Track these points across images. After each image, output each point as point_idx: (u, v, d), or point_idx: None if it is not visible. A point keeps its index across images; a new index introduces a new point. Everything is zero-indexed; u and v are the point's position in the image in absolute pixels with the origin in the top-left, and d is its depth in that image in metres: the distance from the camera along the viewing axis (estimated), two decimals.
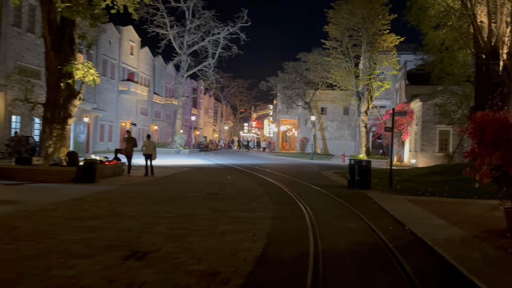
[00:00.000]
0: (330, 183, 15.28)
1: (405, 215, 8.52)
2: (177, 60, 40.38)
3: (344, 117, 54.13)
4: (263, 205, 9.49)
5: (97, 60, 34.37)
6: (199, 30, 40.09)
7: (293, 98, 49.84)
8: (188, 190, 11.62)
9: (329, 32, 32.19)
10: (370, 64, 31.31)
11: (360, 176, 13.20)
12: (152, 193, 10.84)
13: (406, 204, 10.35)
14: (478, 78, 15.36)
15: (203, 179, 15.27)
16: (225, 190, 12.03)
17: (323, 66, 45.36)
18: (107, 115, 36.22)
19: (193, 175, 16.91)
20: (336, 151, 51.84)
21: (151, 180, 14.15)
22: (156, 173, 16.75)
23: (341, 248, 5.95)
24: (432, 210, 9.28)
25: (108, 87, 36.58)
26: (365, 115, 32.06)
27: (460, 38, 16.25)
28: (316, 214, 8.48)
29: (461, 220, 8.16)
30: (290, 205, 9.70)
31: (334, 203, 10.36)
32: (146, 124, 45.05)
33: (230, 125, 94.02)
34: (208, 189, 11.96)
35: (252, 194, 11.25)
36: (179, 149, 38.98)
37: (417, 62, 43.73)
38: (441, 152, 27.71)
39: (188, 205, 9.05)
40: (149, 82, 45.52)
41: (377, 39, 30.76)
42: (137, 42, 41.95)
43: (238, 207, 9.09)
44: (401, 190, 12.71)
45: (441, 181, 14.23)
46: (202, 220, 7.42)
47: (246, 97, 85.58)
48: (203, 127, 69.87)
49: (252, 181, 15.19)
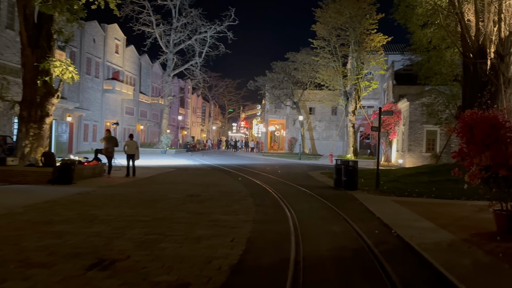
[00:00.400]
0: (316, 184, 14.98)
1: (391, 217, 8.22)
2: (163, 58, 39.79)
3: (332, 117, 54.08)
4: (245, 207, 9.11)
5: (81, 59, 33.66)
6: (186, 29, 39.59)
7: (281, 98, 49.58)
8: (169, 192, 11.19)
9: (316, 32, 31.98)
10: (358, 64, 31.18)
11: (346, 177, 12.91)
12: (131, 195, 10.38)
13: (392, 205, 10.07)
14: (465, 77, 15.21)
15: (187, 180, 14.84)
16: (208, 191, 11.62)
17: (311, 66, 45.22)
18: (91, 114, 35.50)
19: (177, 176, 16.46)
20: (324, 151, 51.74)
21: (132, 182, 13.67)
22: (138, 174, 16.26)
23: (323, 254, 5.60)
24: (419, 212, 9.01)
25: (92, 86, 35.85)
26: (352, 115, 31.90)
27: (448, 37, 16.09)
28: (299, 216, 8.13)
29: (449, 222, 7.89)
30: (273, 207, 9.34)
31: (319, 204, 10.03)
32: (132, 124, 44.34)
33: (219, 125, 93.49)
34: (190, 191, 11.55)
35: (235, 196, 10.87)
36: (165, 149, 38.40)
37: (405, 62, 43.85)
38: (429, 152, 27.65)
39: (166, 208, 8.63)
40: (134, 81, 44.81)
41: (365, 38, 30.65)
42: (122, 40, 41.23)
43: (219, 209, 8.70)
44: (388, 191, 12.45)
45: (429, 181, 14.03)
46: (179, 224, 7.01)
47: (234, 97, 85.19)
48: (190, 127, 69.22)
49: (237, 182, 14.81)
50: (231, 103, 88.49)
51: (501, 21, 13.80)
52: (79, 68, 33.50)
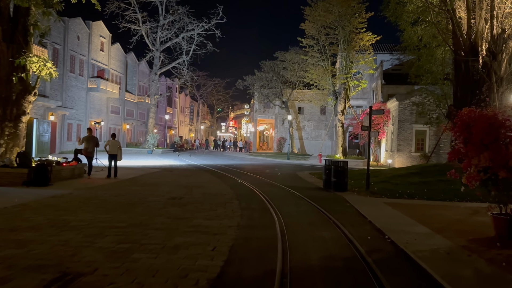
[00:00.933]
0: (305, 185, 14.53)
1: (384, 221, 7.79)
2: (150, 56, 39.03)
3: (321, 117, 53.86)
4: (230, 211, 8.60)
5: (64, 56, 32.78)
6: (173, 27, 38.88)
7: (270, 98, 49.17)
8: (150, 194, 10.62)
9: (305, 30, 31.55)
10: (347, 63, 30.84)
11: (336, 178, 12.49)
12: (109, 198, 9.79)
13: (384, 208, 9.66)
14: (457, 76, 14.91)
15: (170, 181, 14.27)
16: (191, 193, 11.08)
17: (300, 65, 44.90)
18: (75, 113, 34.60)
19: (161, 177, 15.86)
20: (313, 151, 51.45)
21: (113, 183, 13.05)
22: (120, 175, 15.64)
23: (313, 264, 5.12)
24: (413, 215, 8.61)
25: (76, 84, 34.96)
26: (341, 114, 31.57)
27: (439, 35, 15.78)
28: (287, 221, 7.65)
29: (445, 226, 7.49)
30: (260, 210, 8.85)
31: (308, 207, 9.57)
32: (118, 123, 43.46)
33: (207, 125, 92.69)
34: (173, 193, 10.99)
35: (220, 198, 10.35)
36: (152, 149, 37.65)
37: (393, 62, 43.82)
38: (418, 152, 27.45)
39: (145, 212, 8.08)
40: (120, 79, 43.93)
41: (354, 37, 30.33)
42: (107, 38, 40.34)
43: (202, 213, 8.17)
44: (379, 192, 12.05)
45: (420, 182, 13.68)
46: (157, 231, 6.47)
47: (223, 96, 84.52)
48: (178, 126, 68.37)
49: (223, 183, 14.28)
50: (219, 102, 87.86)
51: (493, 18, 13.51)
52: (63, 66, 32.65)
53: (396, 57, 44.11)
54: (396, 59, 44.07)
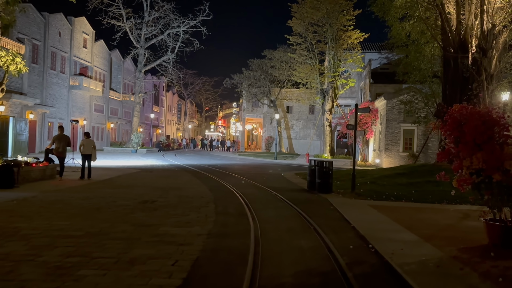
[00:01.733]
0: (289, 186, 13.92)
1: (368, 227, 7.21)
2: (134, 53, 38.08)
3: (310, 116, 53.43)
4: (203, 216, 7.94)
5: (45, 53, 31.71)
6: (158, 23, 37.99)
7: (258, 96, 48.55)
8: (121, 197, 9.90)
9: (293, 27, 31.00)
10: (335, 61, 30.36)
11: (320, 179, 11.90)
12: (74, 202, 9.05)
13: (370, 211, 9.09)
14: (446, 73, 14.43)
15: (147, 183, 13.54)
16: (166, 196, 10.39)
17: (289, 64, 44.34)
18: (56, 111, 33.55)
19: (138, 178, 15.12)
20: (302, 151, 50.96)
21: (84, 185, 12.28)
22: (96, 175, 14.86)
23: (286, 282, 4.48)
24: (399, 219, 8.05)
25: (57, 82, 33.89)
26: (329, 113, 31.08)
27: (427, 31, 15.27)
28: (264, 227, 7.02)
29: (434, 233, 6.93)
30: (236, 215, 8.20)
31: (289, 211, 8.94)
32: (101, 122, 42.43)
33: (195, 124, 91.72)
34: (146, 196, 10.28)
35: (196, 202, 9.68)
36: (136, 149, 36.74)
37: (382, 61, 43.54)
38: (406, 152, 27.08)
39: (109, 219, 7.37)
40: (104, 77, 42.88)
41: (342, 35, 29.85)
42: (91, 35, 39.29)
43: (172, 219, 7.50)
44: (365, 194, 11.50)
45: (407, 183, 13.17)
46: (115, 242, 5.78)
47: (212, 95, 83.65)
48: (165, 125, 67.39)
49: (203, 184, 13.60)
50: (208, 101, 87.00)
51: (484, 13, 13.04)
52: (43, 63, 31.59)
53: (384, 56, 43.86)
54: (384, 57, 43.82)
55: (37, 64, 30.89)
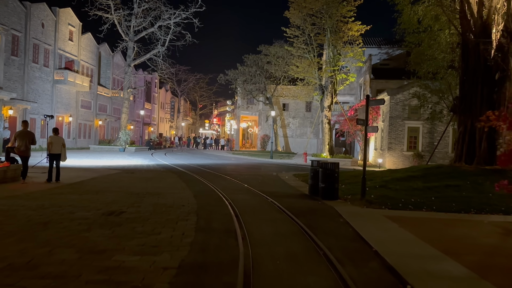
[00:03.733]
0: (287, 191, 12.16)
1: (395, 251, 5.47)
2: (123, 47, 36.12)
3: (307, 114, 51.83)
4: (179, 234, 6.16)
5: (26, 45, 29.71)
6: (148, 15, 36.04)
7: (253, 93, 46.81)
8: (83, 207, 8.09)
9: (290, 19, 29.13)
10: (334, 55, 28.57)
11: (325, 183, 10.15)
12: (20, 214, 7.23)
13: (388, 225, 7.35)
14: (464, 62, 12.71)
15: (123, 186, 11.72)
16: (139, 205, 8.59)
17: (285, 59, 42.63)
18: (39, 107, 31.56)
19: (115, 180, 13.28)
20: (298, 149, 49.30)
21: (46, 190, 10.44)
22: (68, 178, 13.05)
23: None
24: (429, 238, 6.32)
25: (40, 76, 31.90)
26: (328, 110, 29.32)
27: (443, 15, 13.56)
28: (258, 253, 5.26)
29: (482, 260, 5.21)
30: (222, 232, 6.42)
31: (289, 227, 7.17)
32: (89, 119, 40.45)
33: (189, 122, 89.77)
34: (114, 205, 8.48)
35: (174, 213, 7.89)
36: (124, 147, 34.82)
37: (382, 57, 41.94)
38: (410, 151, 25.42)
39: (52, 240, 5.57)
40: (92, 72, 40.87)
41: (342, 27, 28.05)
42: (77, 27, 37.28)
43: (135, 240, 5.71)
44: (377, 202, 9.76)
45: (424, 188, 11.44)
46: (41, 283, 3.98)
47: (206, 92, 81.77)
48: (158, 123, 65.41)
49: (188, 188, 11.80)
50: (202, 99, 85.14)
51: None
52: (24, 55, 29.61)
53: (385, 51, 42.24)
54: (385, 53, 42.20)
55: (17, 56, 28.91)
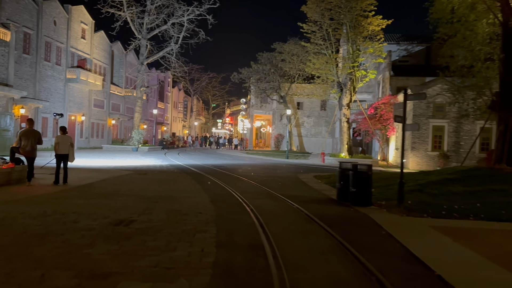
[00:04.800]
0: (312, 195, 11.15)
1: (463, 276, 4.45)
2: (136, 45, 35.43)
3: (322, 113, 50.70)
4: (198, 251, 5.22)
5: (38, 42, 29.21)
6: (162, 12, 35.31)
7: (267, 92, 45.84)
8: (89, 214, 7.22)
9: (307, 13, 28.06)
10: (354, 51, 27.41)
11: (356, 187, 9.11)
12: (16, 223, 6.38)
13: (441, 240, 6.29)
14: (507, 53, 11.56)
15: (135, 190, 10.85)
16: (151, 212, 7.69)
17: (300, 57, 41.56)
18: (51, 106, 31.05)
19: (126, 182, 12.43)
20: (313, 149, 48.18)
21: (52, 194, 9.62)
22: (77, 179, 12.27)
23: None
24: (493, 256, 5.28)
25: (52, 74, 31.40)
26: (347, 108, 28.18)
27: (480, 3, 12.39)
28: (295, 279, 4.28)
29: None
30: (248, 248, 5.46)
31: (325, 241, 6.17)
32: (102, 118, 39.94)
33: (202, 121, 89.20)
34: (124, 212, 7.59)
35: (190, 222, 6.96)
36: (137, 147, 34.18)
37: (401, 53, 40.62)
38: (435, 151, 24.16)
39: (48, 258, 4.67)
40: (105, 70, 40.35)
41: (361, 21, 26.88)
42: (90, 25, 36.75)
43: (147, 259, 4.78)
44: (417, 209, 8.70)
45: (465, 193, 10.33)
46: None
47: (219, 91, 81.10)
48: (171, 122, 64.87)
49: (204, 192, 10.88)
50: (215, 98, 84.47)
51: None
52: (36, 53, 29.11)
53: (404, 48, 40.87)
54: (404, 49, 40.84)
55: (29, 54, 28.41)
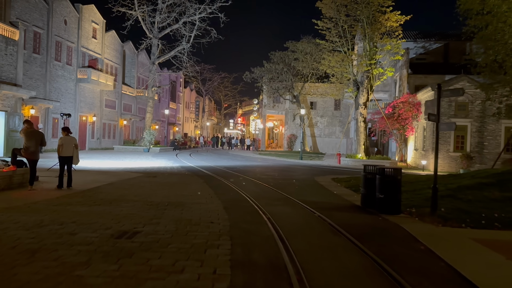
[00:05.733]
0: (333, 201, 10.29)
1: None
2: (147, 44, 34.90)
3: (336, 113, 49.71)
4: (209, 272, 4.43)
5: (48, 42, 28.84)
6: (173, 11, 34.74)
7: (280, 91, 45.01)
8: (88, 224, 6.50)
9: (322, 10, 27.13)
10: (371, 48, 26.42)
11: (384, 193, 8.24)
12: (7, 235, 5.66)
13: (491, 258, 5.40)
14: None
15: (142, 194, 10.13)
16: (159, 221, 6.94)
17: (313, 56, 40.66)
18: (62, 106, 30.66)
19: (134, 186, 11.73)
20: (327, 149, 47.20)
21: (53, 199, 8.95)
22: (82, 183, 11.63)
23: None
24: None
25: (63, 74, 31.04)
26: (364, 107, 27.19)
27: None
28: None
29: None
30: (268, 269, 4.66)
31: (357, 259, 5.32)
32: (113, 119, 39.56)
33: (214, 121, 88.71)
34: (128, 221, 6.86)
35: (201, 234, 6.18)
36: (148, 147, 33.66)
37: (418, 51, 39.47)
38: (457, 152, 23.05)
39: (32, 283, 3.94)
40: (116, 70, 39.96)
41: (379, 17, 25.87)
42: (101, 24, 36.36)
43: (148, 284, 4.02)
44: (452, 217, 7.79)
45: (504, 199, 9.36)
46: None
47: (231, 91, 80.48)
48: (183, 122, 64.43)
49: (216, 197, 10.10)
50: (227, 98, 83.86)
51: None
52: (46, 53, 28.75)
53: (421, 45, 39.70)
54: (421, 47, 39.67)
55: (39, 54, 28.06)
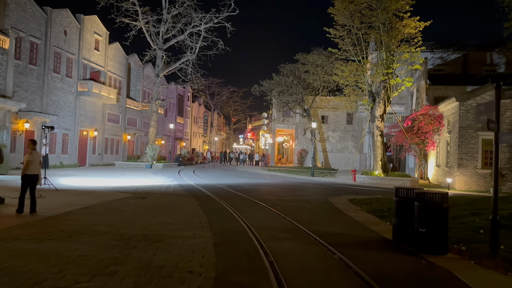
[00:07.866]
0: (355, 232, 8.21)
1: None
2: (151, 56, 33.47)
3: (348, 127, 47.57)
4: None
5: (46, 53, 27.53)
6: (179, 22, 33.38)
7: (290, 105, 43.20)
8: (17, 275, 4.58)
9: (334, 17, 25.34)
10: (387, 56, 24.49)
11: (425, 225, 6.18)
12: None
13: None
14: None
15: (116, 223, 8.18)
16: (116, 270, 4.98)
17: (324, 68, 38.97)
18: (60, 121, 29.20)
19: (113, 211, 9.78)
20: (339, 165, 44.98)
21: (1, 229, 7.06)
22: (56, 206, 9.78)
23: None
24: None
25: (62, 87, 29.63)
26: (380, 120, 25.10)
27: None
28: None
29: None
30: None
31: None
32: (117, 133, 38.00)
33: (223, 136, 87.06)
34: (75, 269, 4.91)
35: None
36: (151, 163, 31.88)
37: (435, 62, 37.54)
38: (486, 169, 20.78)
39: None
40: (120, 83, 38.57)
41: (396, 24, 23.99)
42: (104, 36, 35.12)
43: None
44: None
45: None
46: None
47: (240, 106, 78.96)
48: (191, 137, 62.84)
49: (207, 227, 8.11)
50: (236, 113, 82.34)
51: None
52: (43, 64, 27.40)
53: (438, 56, 37.75)
54: (438, 57, 37.72)
55: (36, 65, 26.71)
